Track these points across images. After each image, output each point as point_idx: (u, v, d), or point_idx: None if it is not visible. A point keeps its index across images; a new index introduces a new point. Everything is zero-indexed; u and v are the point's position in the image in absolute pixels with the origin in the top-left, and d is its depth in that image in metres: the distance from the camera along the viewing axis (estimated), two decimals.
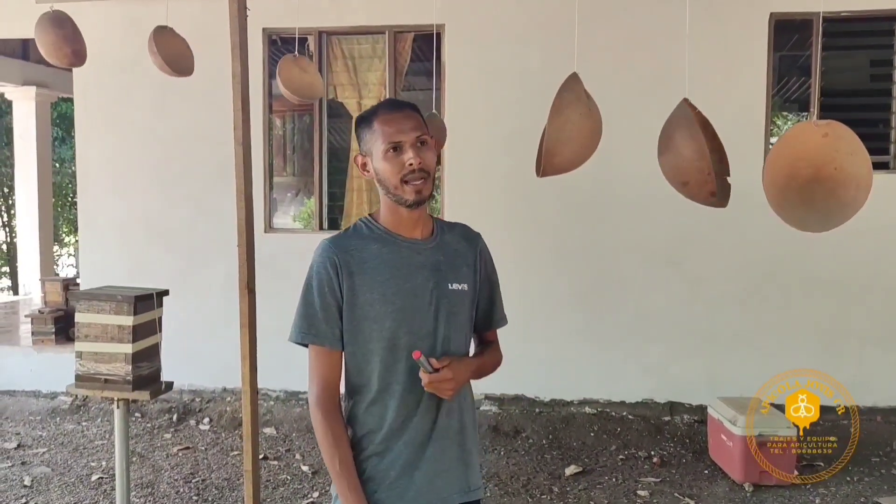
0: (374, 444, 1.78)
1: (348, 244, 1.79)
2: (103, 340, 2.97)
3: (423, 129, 1.77)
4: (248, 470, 2.76)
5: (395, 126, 1.74)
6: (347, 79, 5.92)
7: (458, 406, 1.84)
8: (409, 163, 1.72)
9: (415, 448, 1.78)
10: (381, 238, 1.80)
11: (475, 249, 1.92)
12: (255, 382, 2.78)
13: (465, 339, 1.88)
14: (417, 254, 1.80)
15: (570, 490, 4.33)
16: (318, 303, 1.76)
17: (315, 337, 1.77)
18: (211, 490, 4.33)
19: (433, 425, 1.79)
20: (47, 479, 4.46)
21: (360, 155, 1.83)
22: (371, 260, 1.77)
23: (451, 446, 1.82)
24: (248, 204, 2.70)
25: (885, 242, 5.24)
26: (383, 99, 5.85)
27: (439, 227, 1.90)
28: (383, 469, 1.77)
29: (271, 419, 5.44)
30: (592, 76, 2.81)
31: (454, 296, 1.81)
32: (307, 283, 1.79)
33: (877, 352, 5.25)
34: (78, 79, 6.00)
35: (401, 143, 1.73)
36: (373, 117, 1.79)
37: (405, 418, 1.77)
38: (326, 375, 1.78)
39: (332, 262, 1.75)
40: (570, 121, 2.54)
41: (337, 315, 1.76)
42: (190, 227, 5.86)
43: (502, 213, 5.52)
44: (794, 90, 7.19)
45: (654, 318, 5.45)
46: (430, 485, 1.79)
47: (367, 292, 1.75)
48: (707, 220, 5.27)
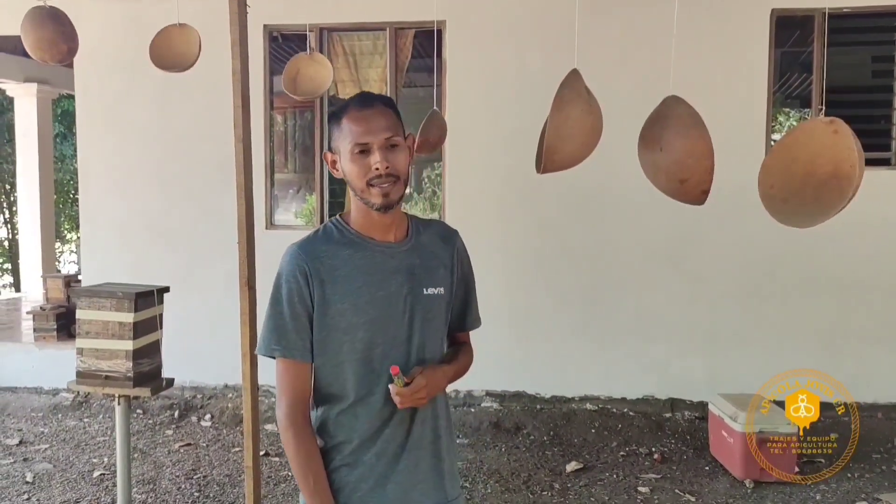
0: (344, 455, 1.71)
1: (318, 250, 1.68)
2: (104, 337, 2.97)
3: (395, 130, 1.67)
4: (249, 466, 2.76)
5: (364, 126, 1.64)
6: (348, 75, 5.92)
7: (431, 414, 1.75)
8: (376, 167, 1.63)
9: (388, 460, 1.70)
10: (353, 242, 1.71)
11: (452, 249, 1.82)
12: (256, 379, 2.79)
13: (441, 345, 1.80)
14: (391, 258, 1.71)
15: (570, 486, 4.33)
16: (287, 313, 1.67)
17: (285, 349, 1.67)
18: (212, 486, 4.34)
19: (407, 436, 1.71)
20: (49, 476, 4.47)
21: (329, 152, 1.74)
22: (342, 267, 1.67)
23: (425, 456, 1.74)
24: (249, 201, 2.70)
25: (885, 240, 5.24)
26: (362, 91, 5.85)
27: (415, 227, 1.80)
28: (353, 481, 1.70)
29: (272, 416, 5.44)
30: (593, 73, 2.81)
31: (429, 301, 1.73)
32: (275, 291, 1.69)
33: (877, 349, 5.25)
34: (79, 76, 6.01)
35: (368, 144, 1.64)
36: (342, 114, 1.69)
37: (377, 430, 1.69)
38: (297, 389, 1.68)
39: (302, 270, 1.66)
40: (570, 117, 2.54)
41: (307, 325, 1.67)
42: (191, 224, 5.87)
43: (503, 210, 5.52)
44: (796, 87, 7.18)
45: (655, 316, 5.45)
46: (404, 497, 1.72)
47: (338, 302, 1.66)
48: (708, 218, 5.28)
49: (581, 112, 2.56)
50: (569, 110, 2.54)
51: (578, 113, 2.55)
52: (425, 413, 1.73)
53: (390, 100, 1.76)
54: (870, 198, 5.09)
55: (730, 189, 5.23)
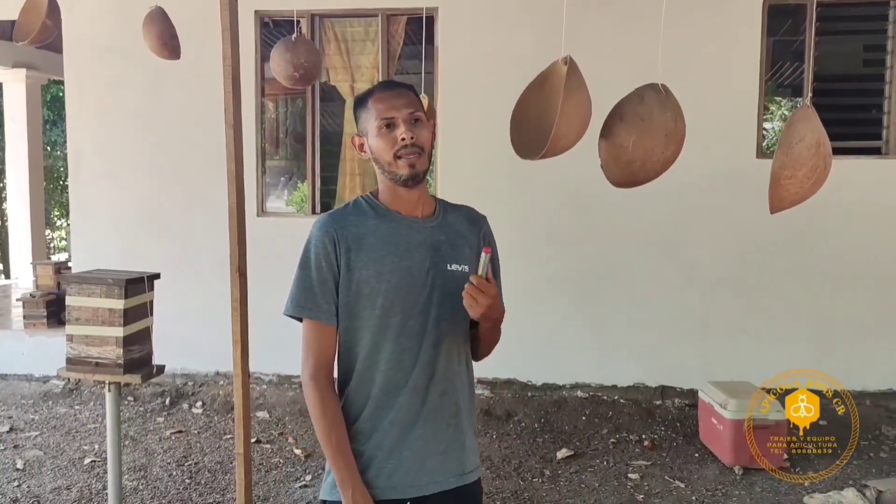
0: (360, 422, 1.77)
1: (346, 220, 1.79)
2: (94, 324, 2.96)
3: (417, 107, 1.78)
4: (240, 453, 2.76)
5: (388, 103, 1.76)
6: (340, 62, 5.89)
7: (453, 387, 1.81)
8: (402, 137, 1.73)
9: (402, 427, 1.76)
10: (381, 215, 1.80)
11: (479, 231, 1.89)
12: (247, 366, 2.78)
13: (462, 321, 1.81)
14: (417, 232, 1.80)
15: (561, 473, 4.36)
16: (315, 277, 1.76)
17: (311, 311, 1.76)
18: (203, 473, 4.34)
19: (422, 405, 1.76)
20: (40, 463, 4.46)
21: (357, 135, 1.84)
22: (368, 236, 1.76)
23: (444, 428, 1.79)
24: (240, 187, 2.69)
25: (876, 228, 5.26)
26: (377, 82, 5.83)
27: (442, 207, 1.89)
28: (370, 448, 1.76)
29: (264, 403, 5.45)
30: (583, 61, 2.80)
31: (451, 277, 1.78)
32: (304, 256, 1.78)
33: (868, 337, 5.28)
34: (69, 62, 5.95)
35: (393, 118, 1.74)
36: (368, 97, 1.80)
37: (390, 396, 1.75)
38: (322, 351, 1.77)
39: (330, 236, 1.75)
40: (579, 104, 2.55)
41: (333, 290, 1.76)
42: (183, 211, 5.84)
43: (495, 197, 5.51)
44: (788, 75, 7.19)
45: (647, 303, 5.47)
46: (420, 466, 1.76)
47: (362, 269, 1.74)
48: (700, 205, 5.32)
49: (584, 98, 2.59)
50: (578, 97, 2.55)
51: (583, 99, 2.58)
52: (445, 385, 1.79)
53: (411, 85, 1.87)
54: (859, 186, 5.15)
55: (722, 177, 5.27)
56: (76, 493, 4.05)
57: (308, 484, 4.21)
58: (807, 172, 2.36)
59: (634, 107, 2.46)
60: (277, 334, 5.53)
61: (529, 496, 4.06)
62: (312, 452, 4.63)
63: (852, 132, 5.42)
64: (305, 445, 4.75)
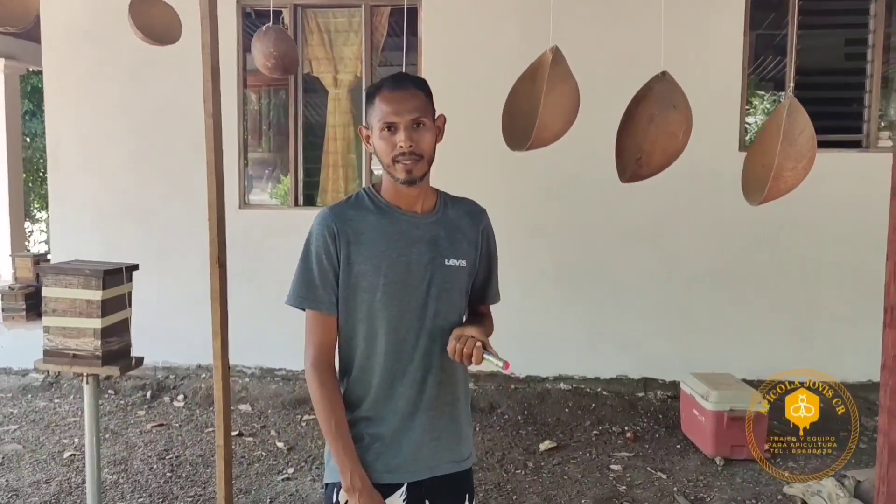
0: (362, 410, 1.82)
1: (347, 214, 1.82)
2: (71, 315, 2.93)
3: (423, 111, 1.78)
4: (220, 445, 2.74)
5: (393, 106, 1.76)
6: (323, 53, 5.85)
7: (449, 379, 1.86)
8: (400, 145, 1.75)
9: (403, 416, 1.81)
10: (381, 210, 1.83)
11: (478, 225, 1.93)
12: (227, 358, 2.76)
13: (458, 316, 1.89)
14: (416, 227, 1.83)
15: (544, 465, 4.37)
16: (315, 269, 1.80)
17: (312, 302, 1.80)
18: (185, 466, 4.31)
19: (421, 396, 1.82)
20: (18, 456, 4.42)
21: (364, 127, 1.86)
22: (368, 231, 1.80)
23: (441, 417, 1.85)
24: (219, 177, 2.66)
25: (856, 221, 5.28)
26: (359, 73, 5.79)
27: (443, 200, 1.92)
28: (372, 434, 1.82)
29: (246, 396, 5.42)
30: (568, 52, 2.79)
31: (449, 272, 1.83)
32: (305, 249, 1.83)
33: (847, 328, 5.32)
34: (47, 51, 5.88)
35: (395, 123, 1.75)
36: (376, 93, 1.80)
37: (391, 387, 1.80)
38: (323, 339, 1.82)
39: (331, 230, 1.78)
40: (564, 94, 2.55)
41: (334, 281, 1.80)
42: (164, 202, 5.79)
43: (479, 188, 5.43)
44: (770, 69, 7.22)
45: (630, 295, 5.48)
46: (418, 452, 1.82)
47: (361, 263, 1.78)
48: (683, 199, 5.33)
49: (570, 89, 2.58)
50: (562, 88, 2.54)
51: (569, 90, 2.57)
52: (442, 376, 1.84)
53: (423, 81, 1.85)
54: (840, 180, 5.18)
55: (705, 170, 5.28)
56: (55, 487, 4.01)
57: (290, 476, 4.19)
58: (805, 164, 2.37)
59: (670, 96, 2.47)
60: (260, 327, 5.53)
61: (512, 488, 4.06)
62: (295, 445, 4.61)
63: (834, 125, 5.44)
64: (288, 438, 4.73)
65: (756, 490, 4.02)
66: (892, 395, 1.46)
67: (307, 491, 4.02)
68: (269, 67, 4.12)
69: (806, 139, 2.34)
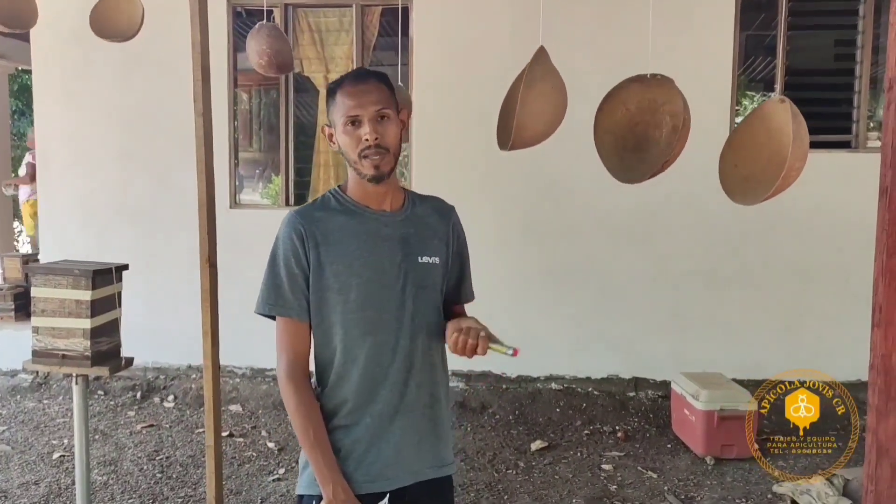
0: (341, 417, 1.77)
1: (314, 215, 1.77)
2: (61, 315, 2.91)
3: (386, 103, 1.74)
4: (210, 445, 2.73)
5: (356, 99, 1.72)
6: (314, 52, 5.84)
7: (429, 379, 1.82)
8: (366, 138, 1.71)
9: (382, 421, 1.76)
10: (349, 210, 1.79)
11: (448, 223, 1.89)
12: (217, 358, 2.75)
13: (436, 314, 1.84)
14: (385, 226, 1.79)
15: (535, 465, 4.37)
16: (284, 273, 1.74)
17: (282, 308, 1.75)
18: (175, 467, 4.30)
19: (401, 399, 1.77)
20: (7, 458, 4.39)
21: (327, 126, 1.82)
22: (337, 231, 1.75)
23: (420, 419, 1.80)
24: (209, 177, 2.65)
25: (844, 221, 5.32)
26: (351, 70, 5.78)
27: (411, 199, 1.87)
28: (350, 442, 1.76)
29: (237, 396, 5.40)
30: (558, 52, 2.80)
31: (423, 269, 1.79)
32: (273, 253, 1.77)
33: (836, 328, 5.34)
34: (36, 49, 5.84)
35: (358, 116, 1.72)
36: (338, 88, 1.76)
37: (371, 391, 1.75)
38: (295, 347, 1.76)
39: (298, 232, 1.74)
40: (542, 94, 2.55)
41: (304, 286, 1.74)
42: (153, 202, 5.76)
43: (469, 189, 5.51)
44: (760, 70, 7.25)
45: (620, 295, 5.49)
46: (398, 456, 1.77)
47: (333, 263, 1.73)
48: (672, 198, 5.34)
49: (551, 89, 2.58)
50: (540, 87, 2.55)
51: (549, 90, 2.57)
52: (422, 377, 1.80)
53: (384, 75, 1.82)
54: (830, 180, 5.21)
55: (693, 170, 5.28)
56: (44, 489, 3.99)
57: (281, 477, 4.18)
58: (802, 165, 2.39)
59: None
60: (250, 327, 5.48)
61: (504, 488, 4.07)
62: (286, 446, 4.60)
63: (823, 126, 5.47)
64: (279, 439, 4.72)
65: (746, 489, 4.04)
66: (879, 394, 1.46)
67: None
68: (262, 65, 4.11)
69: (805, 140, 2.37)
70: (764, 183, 2.39)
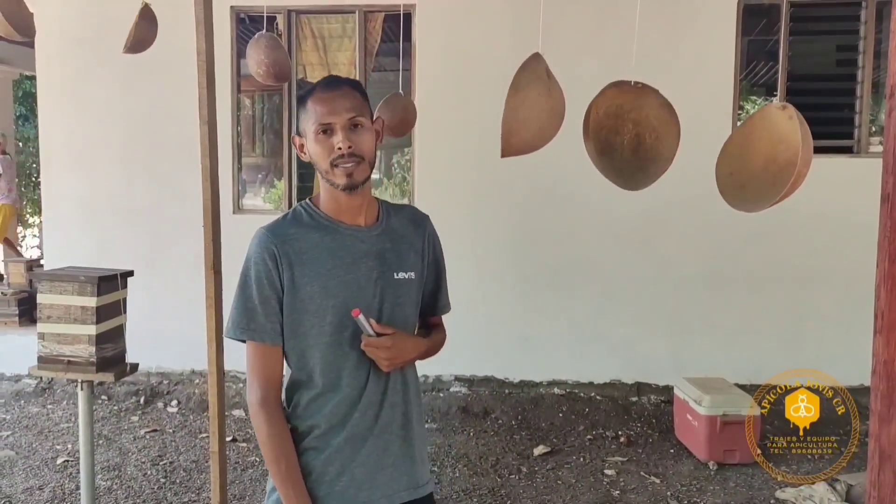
0: (312, 438, 1.70)
1: (287, 233, 1.68)
2: (66, 321, 2.92)
3: (359, 110, 1.67)
4: (215, 451, 2.74)
5: (328, 107, 1.65)
6: (317, 58, 5.86)
7: (402, 399, 1.75)
8: (338, 146, 1.64)
9: (354, 444, 1.69)
10: (323, 226, 1.71)
11: (423, 233, 1.82)
12: (222, 363, 2.76)
13: (411, 331, 1.80)
14: (361, 242, 1.71)
15: (538, 470, 4.37)
16: (256, 296, 1.66)
17: (254, 332, 1.66)
18: (179, 472, 4.30)
19: (375, 420, 1.70)
20: (11, 463, 4.40)
21: (297, 136, 1.73)
22: (311, 249, 1.67)
23: (394, 440, 1.73)
24: (214, 183, 2.66)
25: (847, 226, 5.32)
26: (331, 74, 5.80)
27: (385, 211, 1.80)
28: (321, 465, 1.69)
29: (240, 401, 5.41)
30: (559, 57, 2.81)
31: (399, 286, 1.73)
32: (244, 274, 1.68)
33: (838, 333, 5.34)
34: (40, 55, 5.87)
35: (331, 124, 1.64)
36: (308, 96, 1.69)
37: (345, 414, 1.69)
38: (268, 372, 1.68)
39: (271, 252, 1.65)
40: (527, 100, 2.54)
41: (277, 308, 1.66)
42: (156, 207, 5.78)
43: (472, 194, 5.52)
44: (762, 75, 7.27)
45: (622, 300, 5.50)
46: (371, 481, 1.71)
47: (307, 284, 1.65)
48: (673, 202, 5.34)
49: (538, 95, 2.57)
50: (526, 93, 2.54)
51: (535, 96, 2.56)
52: (395, 398, 1.73)
53: (357, 82, 1.76)
54: (832, 185, 5.21)
55: (695, 174, 5.29)
56: (49, 494, 4.00)
57: None
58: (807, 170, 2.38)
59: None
60: None
61: (506, 493, 4.07)
62: None
63: (824, 131, 5.48)
64: None
65: (749, 494, 4.04)
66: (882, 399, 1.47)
67: None
68: (261, 75, 4.15)
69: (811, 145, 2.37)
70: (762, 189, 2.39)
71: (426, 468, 1.84)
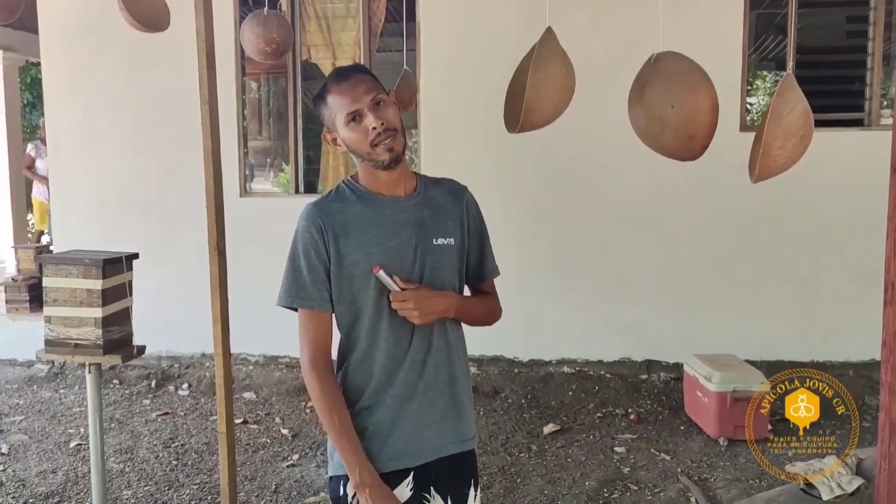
0: (364, 399, 1.82)
1: (331, 207, 1.82)
2: (72, 305, 2.93)
3: (377, 89, 1.79)
4: (223, 432, 2.75)
5: (349, 95, 1.76)
6: (321, 39, 5.83)
7: (446, 358, 1.86)
8: (373, 126, 1.75)
9: (402, 401, 1.81)
10: (364, 198, 1.83)
11: (461, 203, 1.92)
12: (228, 344, 2.77)
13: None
14: (400, 211, 1.83)
15: (548, 448, 4.38)
16: (304, 266, 1.79)
17: (304, 300, 1.80)
18: (190, 454, 4.33)
19: (420, 378, 1.82)
20: (25, 447, 4.44)
21: (327, 132, 1.86)
22: (354, 221, 1.80)
23: (440, 398, 1.85)
24: (216, 164, 2.65)
25: (857, 200, 5.26)
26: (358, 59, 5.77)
27: (423, 182, 1.91)
28: (373, 423, 1.81)
29: (251, 383, 5.43)
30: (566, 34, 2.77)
31: (439, 251, 1.83)
32: (293, 247, 1.82)
33: (849, 308, 5.30)
34: (45, 42, 5.86)
35: (358, 110, 1.76)
36: (325, 93, 1.81)
37: (391, 372, 1.81)
38: (317, 338, 1.81)
39: (317, 225, 1.78)
40: (550, 76, 2.52)
41: (324, 277, 1.79)
42: (164, 191, 5.78)
43: (479, 173, 5.48)
44: (772, 48, 7.18)
45: (631, 278, 5.47)
46: (419, 436, 1.82)
47: (352, 253, 1.78)
48: (682, 180, 5.30)
49: (559, 71, 2.55)
50: (548, 69, 2.52)
51: (556, 72, 2.54)
52: (439, 356, 1.85)
53: (363, 66, 1.89)
54: (842, 158, 5.16)
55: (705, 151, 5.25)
56: (62, 477, 4.04)
57: (295, 463, 4.21)
58: (796, 143, 2.35)
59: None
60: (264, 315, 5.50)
61: (517, 471, 4.08)
62: (299, 432, 4.63)
63: (835, 104, 5.42)
64: (292, 425, 4.74)
65: (759, 470, 4.03)
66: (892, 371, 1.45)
67: (312, 477, 4.03)
68: (267, 53, 4.09)
69: (796, 117, 2.32)
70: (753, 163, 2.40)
71: (472, 424, 1.96)
